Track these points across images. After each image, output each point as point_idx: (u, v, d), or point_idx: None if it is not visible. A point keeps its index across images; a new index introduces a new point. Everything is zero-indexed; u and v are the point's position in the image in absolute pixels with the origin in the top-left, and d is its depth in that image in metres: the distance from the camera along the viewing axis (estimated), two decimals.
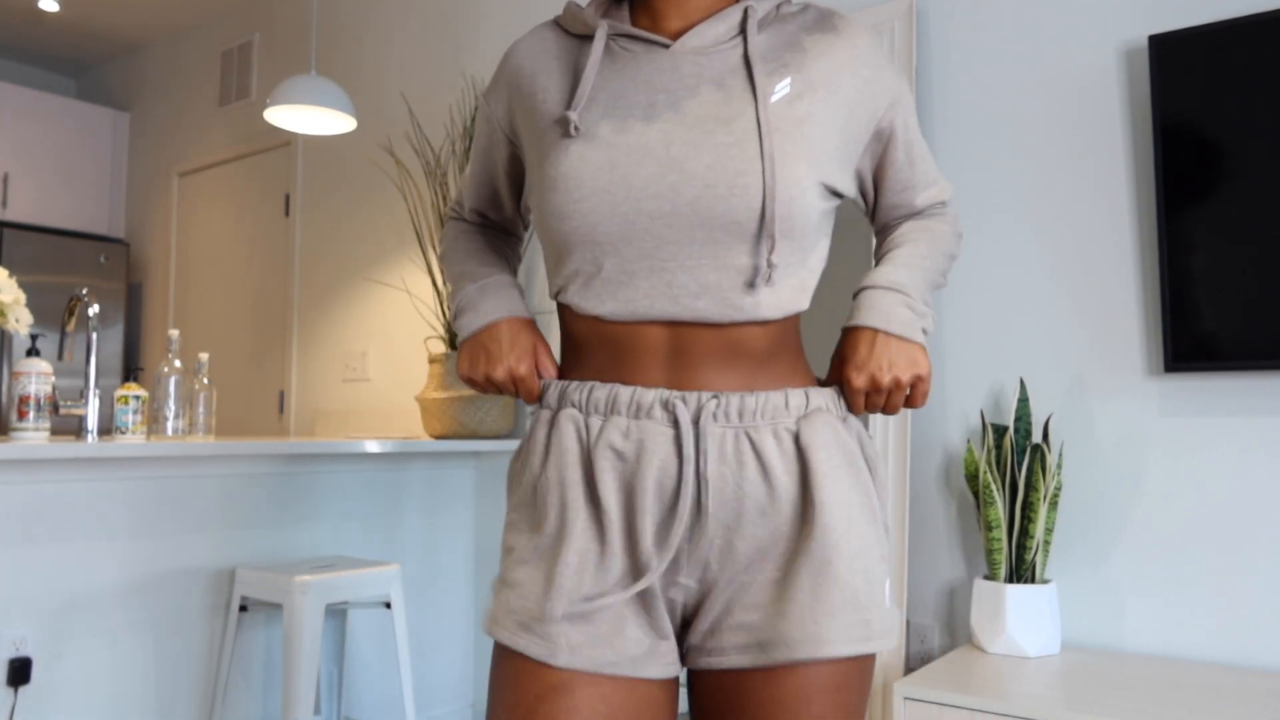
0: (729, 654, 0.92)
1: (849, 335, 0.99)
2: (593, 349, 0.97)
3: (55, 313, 4.40)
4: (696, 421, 0.92)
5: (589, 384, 0.96)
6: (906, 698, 1.71)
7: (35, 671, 2.07)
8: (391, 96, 3.64)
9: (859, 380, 0.97)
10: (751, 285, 0.92)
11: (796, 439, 0.93)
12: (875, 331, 0.97)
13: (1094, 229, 2.06)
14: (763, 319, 0.93)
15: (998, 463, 1.98)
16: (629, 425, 0.93)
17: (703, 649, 0.94)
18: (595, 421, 0.94)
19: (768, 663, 0.91)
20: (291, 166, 4.02)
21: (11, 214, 4.58)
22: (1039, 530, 1.92)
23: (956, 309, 2.22)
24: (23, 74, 5.27)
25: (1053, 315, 2.10)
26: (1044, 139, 2.13)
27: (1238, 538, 1.86)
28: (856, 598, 0.91)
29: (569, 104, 0.97)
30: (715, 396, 0.92)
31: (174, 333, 2.65)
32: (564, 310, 1.01)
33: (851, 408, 0.99)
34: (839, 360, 1.00)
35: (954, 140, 2.25)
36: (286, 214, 4.04)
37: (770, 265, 0.91)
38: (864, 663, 0.94)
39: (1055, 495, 1.93)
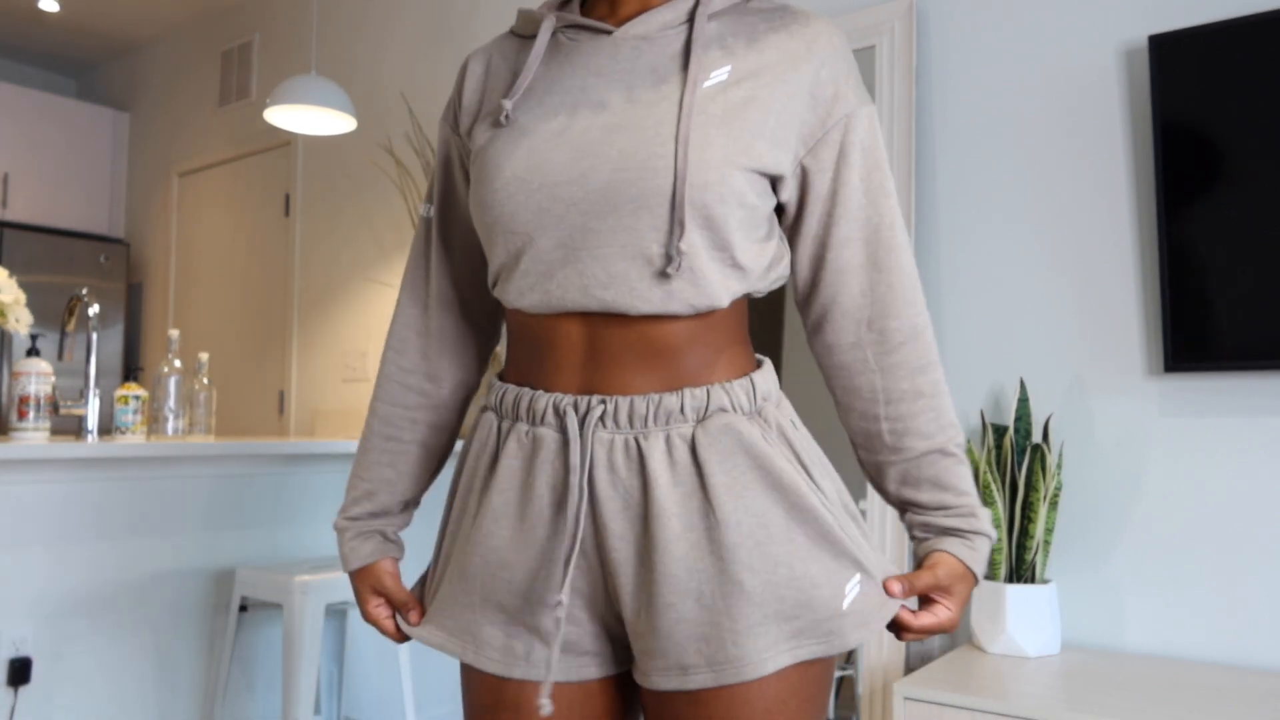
0: (652, 676, 0.88)
1: (957, 565, 0.93)
2: (522, 344, 0.95)
3: (55, 313, 4.40)
4: (583, 427, 0.88)
5: (505, 387, 0.95)
6: (906, 698, 1.71)
7: (35, 671, 2.07)
8: (391, 96, 3.64)
9: (949, 621, 0.93)
10: (661, 275, 0.86)
11: (694, 450, 0.87)
12: (969, 574, 0.94)
13: (1094, 229, 2.06)
14: (674, 313, 0.87)
15: (998, 463, 1.98)
16: (526, 431, 0.91)
17: (637, 668, 0.91)
18: (505, 425, 0.94)
19: (691, 687, 0.86)
20: (291, 166, 4.02)
21: (11, 214, 4.58)
22: (1039, 530, 1.92)
23: (956, 309, 2.22)
24: (23, 74, 5.27)
25: (1053, 315, 2.10)
26: (1044, 139, 2.13)
27: (1238, 538, 1.86)
28: (782, 609, 0.86)
29: (506, 94, 0.97)
30: (604, 401, 0.88)
31: (174, 333, 2.65)
32: (502, 308, 1.02)
33: (912, 625, 0.93)
34: (936, 579, 0.93)
35: (954, 140, 2.25)
36: (286, 214, 4.04)
37: (679, 252, 0.85)
38: (799, 672, 0.88)
39: (1055, 495, 1.93)
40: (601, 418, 0.88)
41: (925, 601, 0.93)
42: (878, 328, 0.94)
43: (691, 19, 0.93)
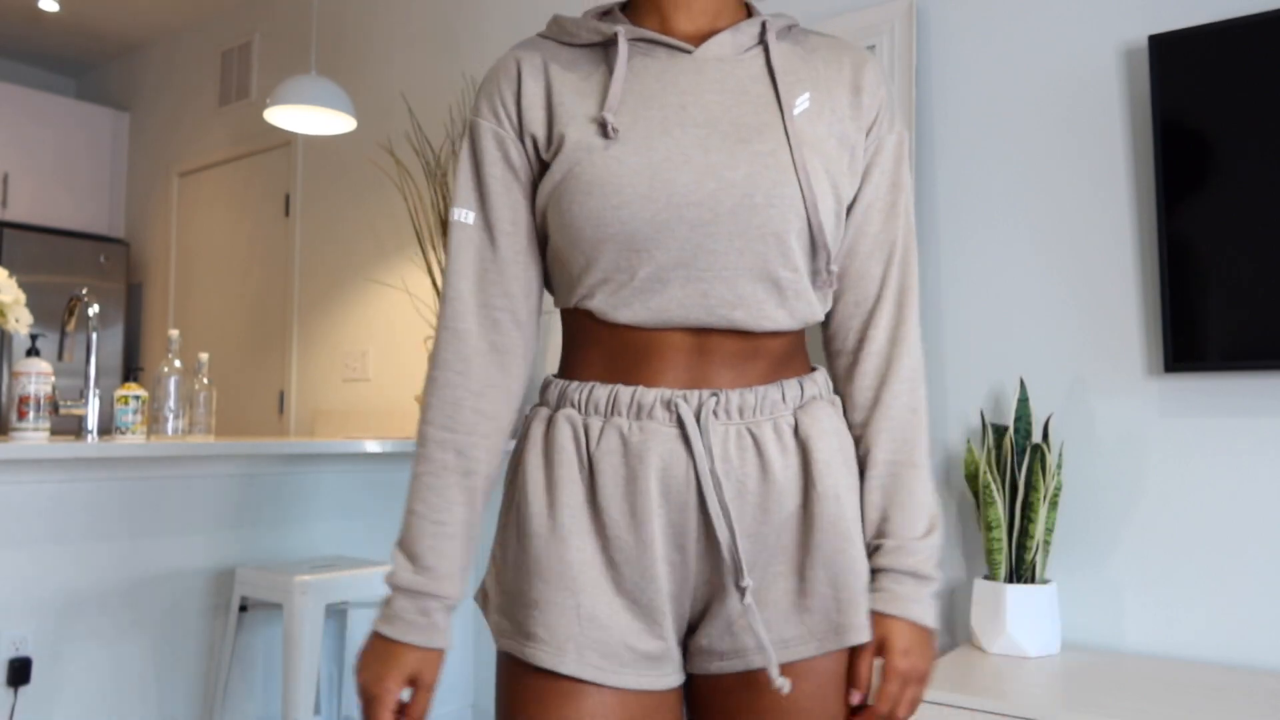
0: (749, 654, 0.92)
1: (890, 627, 0.93)
2: (607, 352, 0.95)
3: (55, 313, 4.40)
4: (700, 419, 0.90)
5: (589, 384, 0.94)
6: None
7: (35, 671, 2.07)
8: (391, 96, 3.64)
9: (905, 690, 0.93)
10: (785, 297, 0.92)
11: (796, 430, 0.93)
12: (907, 625, 0.94)
13: (1094, 229, 2.06)
14: (789, 329, 0.94)
15: (998, 463, 1.98)
16: (630, 426, 0.91)
17: (714, 652, 0.93)
18: (595, 422, 0.92)
19: (791, 658, 0.91)
20: (291, 166, 4.02)
21: (11, 214, 4.58)
22: (1039, 530, 1.92)
23: (956, 309, 2.22)
24: (23, 74, 5.27)
25: (1053, 315, 2.10)
26: (1044, 139, 2.13)
27: (1238, 538, 1.86)
28: (865, 584, 0.93)
29: (601, 107, 0.93)
30: (715, 394, 0.91)
31: (174, 333, 2.65)
32: (580, 316, 0.97)
33: (883, 701, 0.93)
34: (882, 647, 0.94)
35: (954, 140, 2.25)
36: (286, 214, 4.04)
37: (830, 273, 0.93)
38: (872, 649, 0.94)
39: (1055, 495, 1.93)
40: (715, 410, 0.91)
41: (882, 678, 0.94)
42: (861, 339, 1.01)
43: (762, 43, 0.97)
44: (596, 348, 0.96)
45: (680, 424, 0.90)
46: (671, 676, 0.93)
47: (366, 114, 3.72)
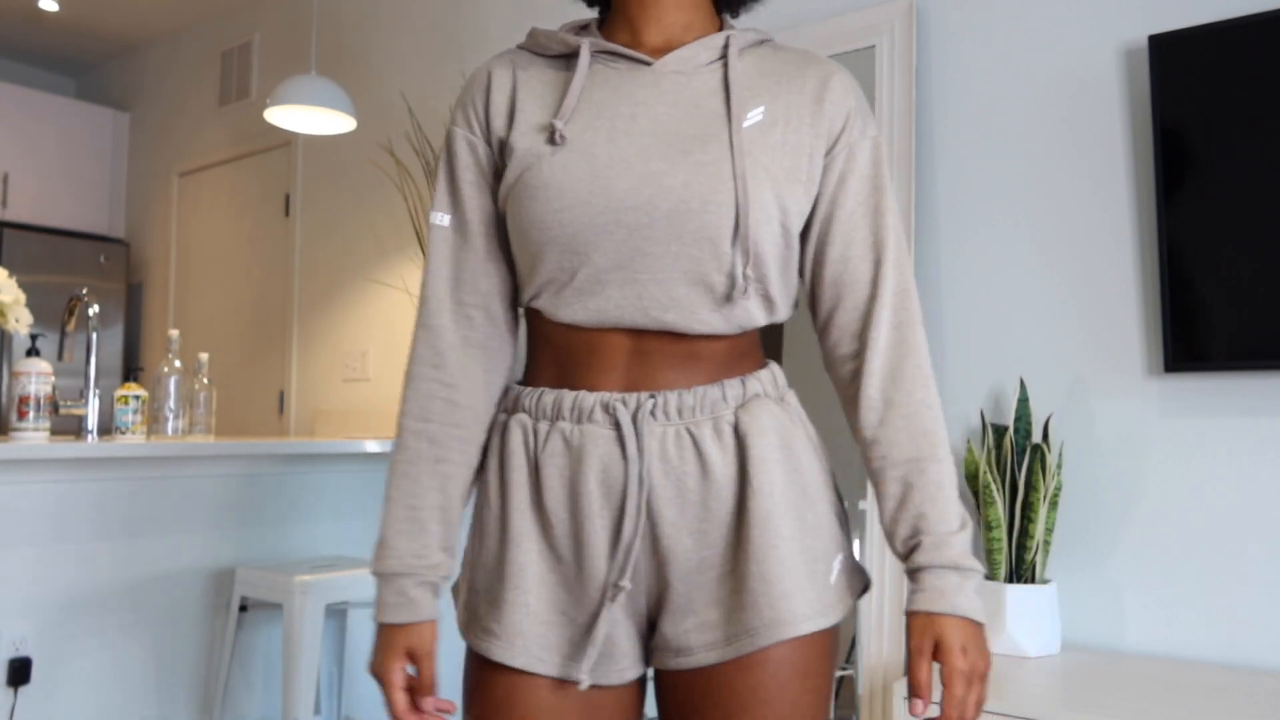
0: (696, 653, 0.94)
1: (935, 622, 0.92)
2: (557, 352, 0.99)
3: (55, 313, 4.40)
4: (635, 421, 0.93)
5: (539, 390, 0.98)
6: (906, 698, 1.71)
7: (35, 671, 2.08)
8: (391, 96, 3.64)
9: (970, 691, 0.91)
10: (720, 301, 0.95)
11: (736, 428, 0.95)
12: (960, 622, 0.92)
13: (1094, 229, 2.06)
14: (724, 333, 0.96)
15: (998, 463, 1.98)
16: (571, 429, 0.95)
17: (669, 649, 0.96)
18: (542, 426, 0.97)
19: (734, 655, 0.93)
20: (291, 166, 4.02)
21: (11, 214, 4.58)
22: (1039, 530, 1.92)
23: (956, 309, 2.22)
24: (23, 74, 5.27)
25: (1053, 315, 2.10)
26: (1044, 139, 2.13)
27: (1238, 538, 1.86)
28: (801, 577, 0.93)
29: (555, 114, 0.97)
30: (653, 395, 0.94)
31: (174, 333, 2.65)
32: (533, 315, 1.02)
33: (952, 707, 0.91)
34: (915, 641, 0.93)
35: (954, 140, 2.25)
36: (286, 214, 4.04)
37: (747, 278, 0.94)
38: (825, 638, 0.96)
39: (1055, 495, 1.93)
40: (653, 411, 0.94)
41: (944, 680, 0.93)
42: (867, 342, 1.00)
43: (723, 58, 1.00)
44: (547, 348, 1.00)
45: (618, 426, 0.93)
46: (626, 672, 0.97)
47: (366, 114, 3.72)
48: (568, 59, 1.03)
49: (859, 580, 1.00)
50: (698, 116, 0.96)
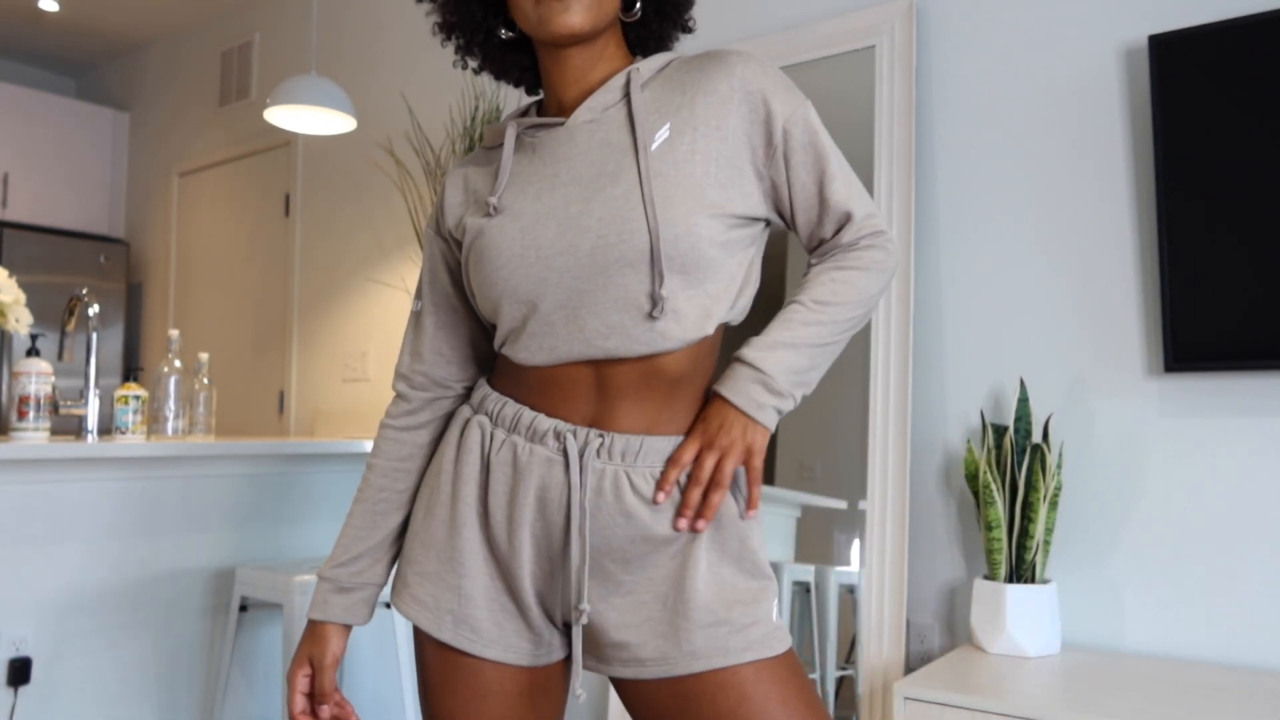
0: (613, 665, 1.05)
1: (710, 400, 1.07)
2: (525, 377, 1.09)
3: (55, 313, 4.40)
4: (582, 455, 1.03)
5: (504, 400, 1.09)
6: (906, 698, 1.71)
7: (35, 671, 2.08)
8: (391, 96, 3.64)
9: (691, 449, 1.04)
10: (650, 319, 1.01)
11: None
12: (725, 404, 1.05)
13: (1094, 229, 2.06)
14: (667, 349, 1.03)
15: (998, 463, 1.98)
16: (523, 445, 1.05)
17: (612, 660, 1.06)
18: (499, 434, 1.08)
19: (648, 676, 1.02)
20: (291, 166, 4.02)
21: (11, 214, 4.58)
22: (1039, 530, 1.92)
23: (956, 309, 2.22)
24: (23, 74, 5.27)
25: (1053, 315, 2.10)
26: (1044, 139, 2.13)
27: (1238, 538, 1.86)
28: (717, 619, 1.01)
29: (491, 191, 1.11)
30: (601, 435, 1.03)
31: (174, 333, 2.65)
32: (503, 360, 1.13)
33: (678, 460, 1.05)
34: (698, 418, 1.07)
35: (953, 140, 2.25)
36: (286, 214, 4.04)
37: (661, 298, 1.00)
38: (775, 667, 1.02)
39: (1055, 495, 1.93)
40: (598, 450, 1.03)
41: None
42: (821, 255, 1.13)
43: (627, 94, 1.07)
44: (518, 375, 1.10)
45: (565, 454, 1.03)
46: (544, 656, 1.10)
47: (366, 114, 3.72)
48: (491, 149, 1.17)
49: (780, 627, 1.06)
50: (610, 155, 1.04)
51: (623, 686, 1.07)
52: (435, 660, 1.09)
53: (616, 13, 1.10)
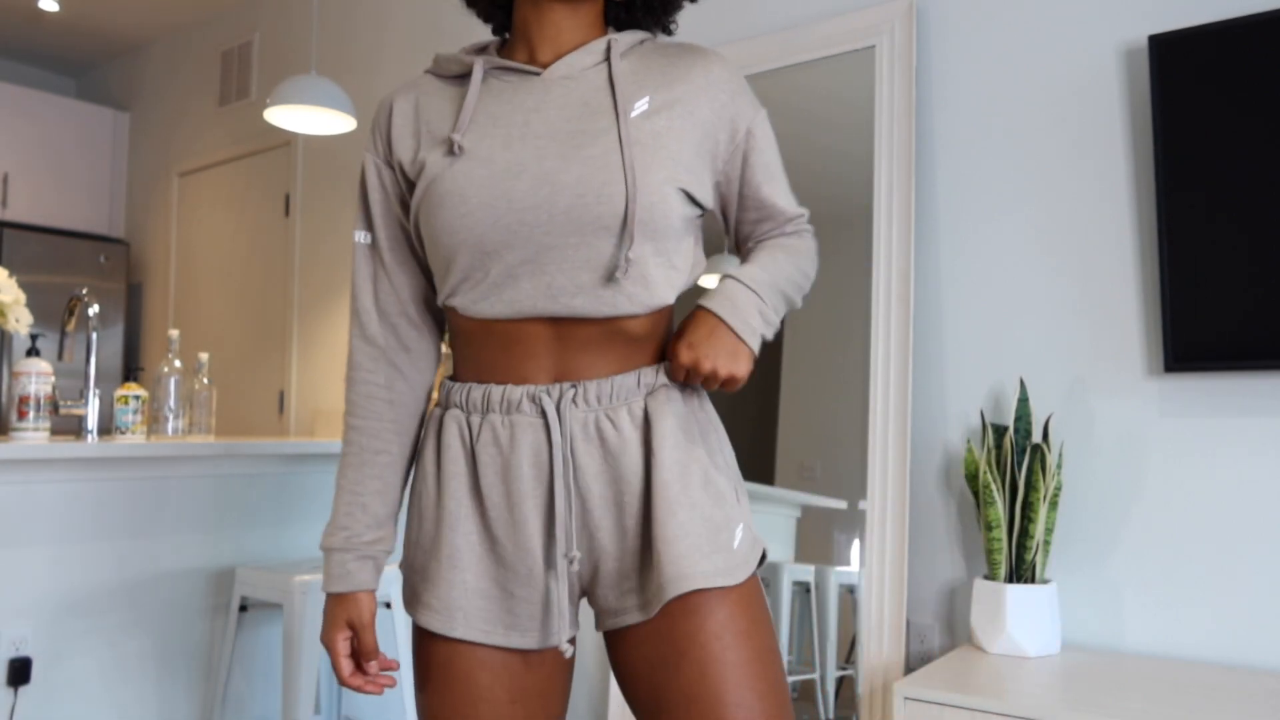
0: (628, 614, 1.05)
1: (697, 313, 1.09)
2: (481, 345, 1.08)
3: (55, 313, 4.40)
4: (559, 408, 1.03)
5: (469, 385, 1.08)
6: (906, 698, 1.71)
7: (35, 671, 2.08)
8: None
9: (685, 357, 1.06)
10: (616, 281, 1.03)
11: (645, 413, 1.05)
12: (719, 321, 1.07)
13: (1094, 229, 2.06)
14: (632, 313, 1.05)
15: (998, 463, 1.98)
16: (502, 420, 1.05)
17: (608, 612, 1.07)
18: (475, 419, 1.07)
19: (653, 612, 1.02)
20: (291, 166, 4.02)
21: (11, 214, 4.58)
22: (1039, 530, 1.92)
23: (956, 309, 2.22)
24: (23, 74, 5.27)
25: (1053, 315, 2.10)
26: (1044, 139, 2.13)
27: (1238, 538, 1.86)
28: (701, 541, 1.03)
29: (453, 129, 1.07)
30: (574, 385, 1.04)
31: (174, 333, 2.65)
32: (451, 313, 1.10)
33: (671, 375, 1.08)
34: (679, 331, 1.09)
35: (953, 140, 2.25)
36: (286, 214, 4.04)
37: (628, 260, 1.02)
38: (742, 594, 1.04)
39: (1055, 495, 1.93)
40: (574, 399, 1.04)
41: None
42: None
43: (607, 59, 1.09)
44: (468, 344, 1.09)
45: (543, 414, 1.04)
46: (562, 633, 1.07)
47: (366, 114, 3.72)
48: (464, 78, 1.12)
49: (757, 549, 1.09)
50: (587, 114, 1.05)
51: (615, 638, 1.07)
52: (443, 657, 1.07)
53: None
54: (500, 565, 1.06)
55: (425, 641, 1.09)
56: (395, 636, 2.43)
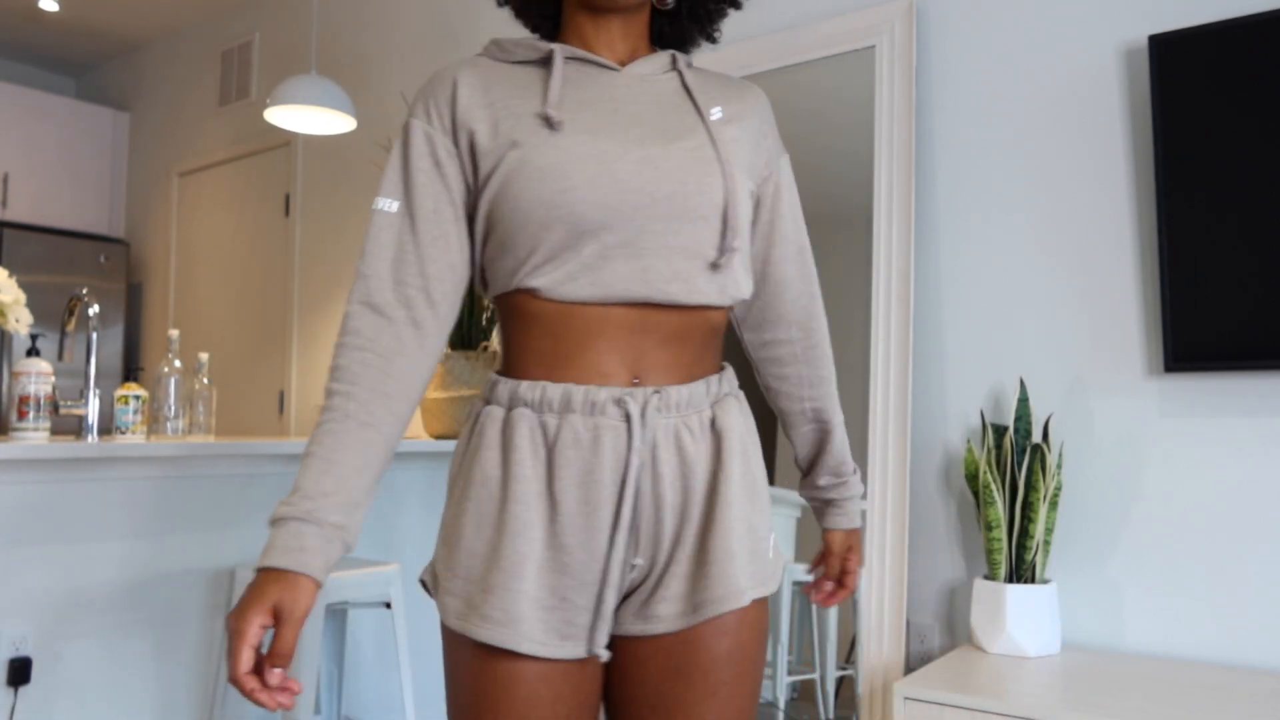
0: (665, 620, 1.02)
1: (851, 534, 1.31)
2: (557, 334, 1.03)
3: (55, 313, 4.40)
4: (644, 415, 1.02)
5: (540, 384, 1.02)
6: (906, 698, 1.71)
7: (35, 671, 2.08)
8: (391, 96, 3.64)
9: (859, 571, 1.31)
10: (713, 270, 1.05)
11: (713, 422, 1.07)
12: (856, 535, 1.31)
13: (1094, 229, 2.06)
14: (719, 304, 1.07)
15: (998, 463, 1.98)
16: (585, 422, 1.01)
17: (640, 616, 1.04)
18: (551, 420, 1.01)
19: (697, 621, 1.02)
20: (291, 166, 4.02)
21: (11, 214, 4.58)
22: (1039, 530, 1.92)
23: (956, 309, 2.22)
24: (23, 74, 5.27)
25: (1053, 315, 2.10)
26: (1044, 139, 2.13)
27: (1237, 538, 1.86)
28: (747, 554, 1.05)
29: (542, 105, 1.04)
30: (657, 392, 1.03)
31: (174, 333, 2.65)
32: (522, 299, 1.04)
33: (848, 586, 1.32)
34: (837, 547, 1.31)
35: (953, 141, 2.25)
36: (286, 214, 4.04)
37: (732, 250, 1.05)
38: (764, 605, 1.09)
39: (1055, 495, 1.93)
40: (657, 407, 1.02)
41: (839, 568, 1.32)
42: (806, 328, 1.24)
43: (674, 68, 1.13)
44: (543, 332, 1.03)
45: (628, 419, 1.01)
46: (598, 643, 1.03)
47: (366, 114, 3.72)
48: (535, 64, 1.10)
49: (780, 560, 1.13)
50: (671, 112, 1.08)
51: (628, 642, 1.04)
52: (505, 674, 0.99)
53: None
54: (562, 573, 1.00)
55: (481, 657, 0.99)
56: (396, 636, 2.43)
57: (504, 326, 1.08)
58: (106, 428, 4.18)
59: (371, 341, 1.01)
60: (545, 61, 1.10)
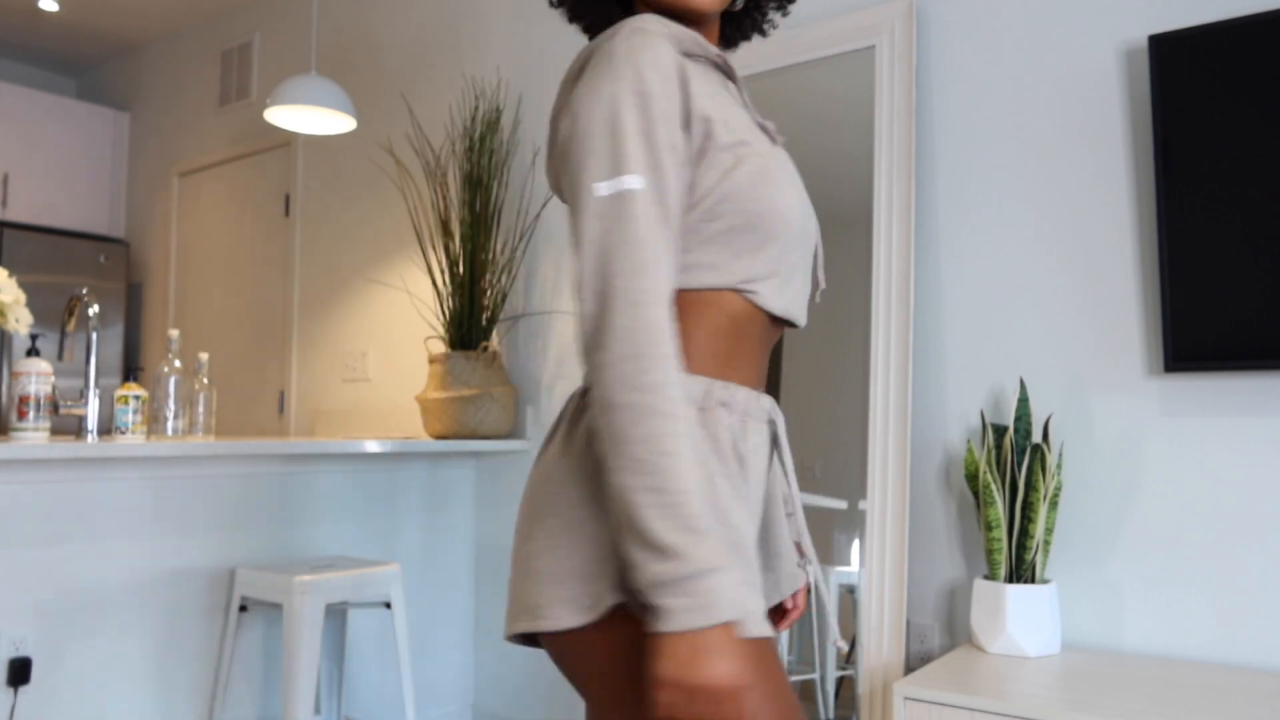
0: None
1: None
2: (745, 341, 1.01)
3: (55, 313, 4.40)
4: (781, 425, 1.08)
5: (730, 386, 0.98)
6: (906, 698, 1.71)
7: (35, 671, 2.07)
8: (391, 96, 3.64)
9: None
10: (812, 296, 1.11)
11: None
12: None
13: (1094, 229, 2.06)
14: (800, 327, 1.11)
15: (998, 463, 1.98)
16: (759, 428, 1.02)
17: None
18: (739, 422, 0.99)
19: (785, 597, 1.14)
20: (291, 166, 4.02)
21: (11, 214, 4.58)
22: (1039, 530, 1.92)
23: (956, 309, 2.22)
24: (23, 74, 5.27)
25: (1052, 315, 2.10)
26: (1044, 139, 2.13)
27: (1238, 537, 1.86)
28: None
29: (743, 110, 1.06)
30: (777, 408, 1.09)
31: (174, 333, 2.65)
32: (732, 300, 0.97)
33: (799, 606, 1.26)
34: None
35: (953, 141, 2.25)
36: (286, 214, 4.04)
37: (821, 280, 1.14)
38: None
39: (1055, 495, 1.93)
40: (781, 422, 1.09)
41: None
42: None
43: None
44: (738, 338, 1.00)
45: (772, 422, 1.05)
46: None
47: (366, 114, 3.72)
48: (699, 59, 1.02)
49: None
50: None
51: None
52: (775, 659, 0.93)
53: None
54: (765, 569, 1.07)
55: (763, 647, 0.90)
56: (396, 636, 2.43)
57: (702, 316, 0.97)
58: (106, 428, 4.18)
59: (673, 354, 0.86)
60: (712, 63, 1.04)
